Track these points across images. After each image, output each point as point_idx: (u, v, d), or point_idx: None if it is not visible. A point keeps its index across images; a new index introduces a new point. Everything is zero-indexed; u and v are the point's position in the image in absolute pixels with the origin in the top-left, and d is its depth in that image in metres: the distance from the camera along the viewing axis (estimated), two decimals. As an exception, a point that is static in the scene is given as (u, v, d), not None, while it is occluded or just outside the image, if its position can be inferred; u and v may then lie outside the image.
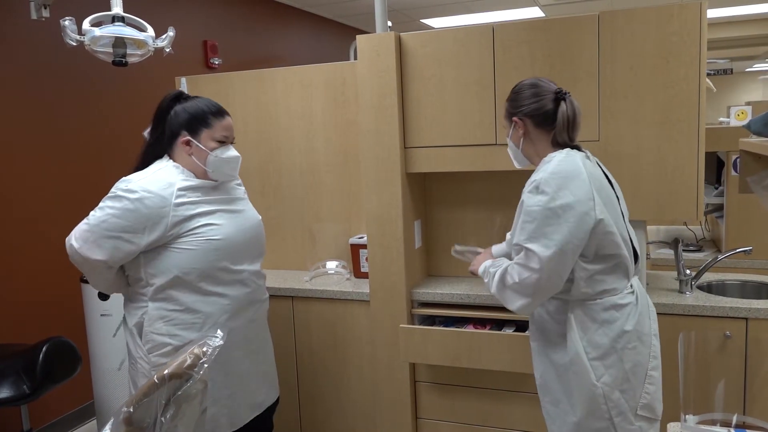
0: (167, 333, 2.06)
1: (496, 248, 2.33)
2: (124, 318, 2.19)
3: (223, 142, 2.13)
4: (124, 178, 2.08)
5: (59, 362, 2.73)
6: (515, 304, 1.87)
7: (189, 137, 2.10)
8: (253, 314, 2.25)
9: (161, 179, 2.05)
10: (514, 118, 1.95)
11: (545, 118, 1.90)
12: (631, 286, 1.90)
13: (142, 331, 2.09)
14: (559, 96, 1.89)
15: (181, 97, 2.18)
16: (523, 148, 1.98)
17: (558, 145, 1.92)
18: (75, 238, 2.05)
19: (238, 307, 2.16)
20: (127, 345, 2.18)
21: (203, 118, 2.11)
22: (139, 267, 2.07)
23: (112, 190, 2.05)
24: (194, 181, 2.10)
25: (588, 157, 1.92)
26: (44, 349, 2.64)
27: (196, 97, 2.19)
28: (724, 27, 8.20)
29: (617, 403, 1.82)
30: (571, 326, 1.86)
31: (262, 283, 2.31)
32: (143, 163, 2.17)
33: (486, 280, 2.00)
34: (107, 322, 3.12)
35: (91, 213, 2.05)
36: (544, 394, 2.03)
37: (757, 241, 3.26)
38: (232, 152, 2.15)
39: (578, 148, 1.92)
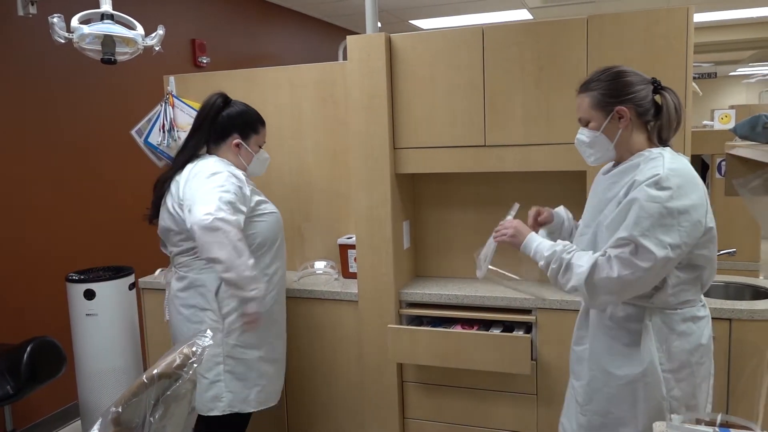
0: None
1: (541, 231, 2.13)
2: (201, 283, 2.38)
3: (261, 147, 2.55)
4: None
5: (44, 362, 2.71)
6: (598, 299, 1.72)
7: (240, 140, 2.47)
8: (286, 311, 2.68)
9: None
10: (619, 107, 1.76)
11: (647, 109, 1.77)
12: (703, 298, 1.84)
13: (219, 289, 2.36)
14: (657, 86, 1.78)
15: (228, 102, 2.50)
16: (618, 141, 1.79)
17: (653, 142, 1.79)
18: (218, 209, 2.20)
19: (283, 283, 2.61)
20: (186, 306, 2.41)
21: (254, 125, 2.51)
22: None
23: (208, 173, 2.31)
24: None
25: None
26: (29, 348, 2.62)
27: (241, 104, 2.53)
28: (708, 31, 8.30)
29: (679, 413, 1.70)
30: (648, 334, 1.76)
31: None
32: (183, 159, 2.44)
33: (546, 264, 1.82)
34: (93, 321, 3.09)
35: (209, 195, 2.23)
36: (587, 403, 1.91)
37: (740, 243, 3.31)
38: (266, 155, 2.59)
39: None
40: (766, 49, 10.01)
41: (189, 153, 2.45)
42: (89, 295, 3.06)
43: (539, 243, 1.88)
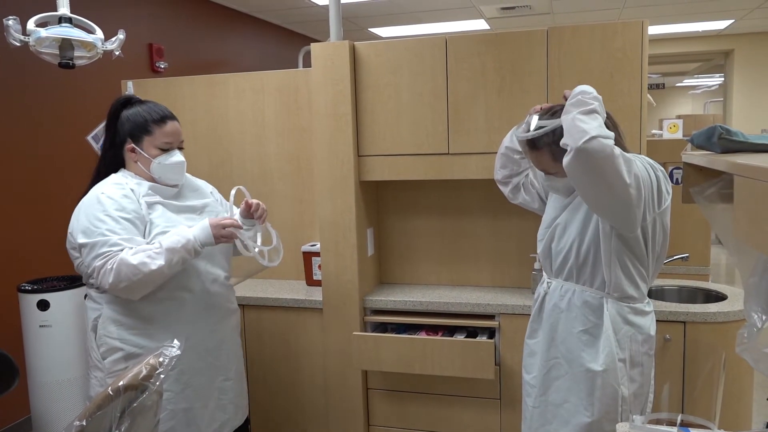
0: (118, 337, 2.06)
1: None
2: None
3: (167, 149, 2.12)
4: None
5: (-4, 376, 2.60)
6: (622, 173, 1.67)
7: (133, 145, 2.12)
8: (213, 323, 2.21)
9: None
10: None
11: None
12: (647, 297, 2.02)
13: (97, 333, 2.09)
14: None
15: (129, 102, 2.16)
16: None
17: None
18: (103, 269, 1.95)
19: (193, 312, 2.14)
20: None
21: (144, 125, 2.11)
22: None
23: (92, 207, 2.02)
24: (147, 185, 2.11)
25: None
26: (-20, 362, 2.51)
27: (145, 102, 2.18)
28: (657, 44, 8.60)
29: (631, 407, 1.85)
30: (607, 323, 1.90)
31: (223, 291, 2.26)
32: (99, 174, 2.16)
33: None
34: (47, 332, 2.99)
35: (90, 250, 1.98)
36: (542, 393, 2.03)
37: (691, 248, 3.43)
38: (175, 158, 2.13)
39: None
40: (711, 61, 10.44)
41: (103, 169, 2.17)
42: (43, 305, 2.97)
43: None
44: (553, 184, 1.99)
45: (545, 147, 1.88)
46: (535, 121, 1.88)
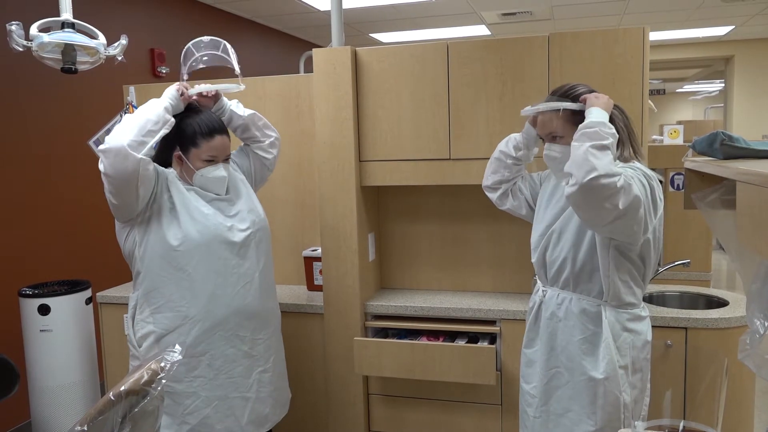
0: (152, 320, 2.16)
1: None
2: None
3: (211, 161, 2.17)
4: None
5: (-4, 380, 2.60)
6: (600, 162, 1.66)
7: (180, 153, 2.18)
8: (246, 316, 2.22)
9: None
10: None
11: None
12: (643, 302, 2.01)
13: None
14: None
15: (187, 109, 2.22)
16: None
17: (617, 155, 1.87)
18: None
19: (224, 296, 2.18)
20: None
21: (192, 137, 2.16)
22: None
23: None
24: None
25: None
26: (-20, 366, 2.51)
27: (201, 111, 2.23)
28: (658, 50, 8.62)
29: (632, 413, 1.83)
30: (606, 331, 1.89)
31: (256, 292, 2.26)
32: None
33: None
34: (47, 337, 2.99)
35: None
36: (544, 403, 2.00)
37: (693, 254, 3.43)
38: (218, 172, 2.18)
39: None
40: (711, 67, 10.46)
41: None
42: (44, 310, 2.97)
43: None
44: (551, 154, 1.95)
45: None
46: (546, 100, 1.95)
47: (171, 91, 2.15)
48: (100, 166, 1.99)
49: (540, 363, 2.03)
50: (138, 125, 1.99)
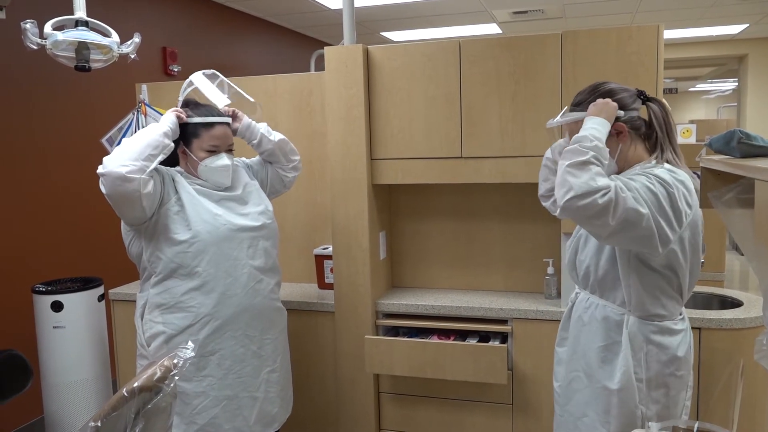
0: (162, 321, 2.17)
1: None
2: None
3: (214, 151, 2.21)
4: None
5: (10, 376, 2.62)
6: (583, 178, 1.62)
7: (184, 147, 2.22)
8: (255, 315, 2.24)
9: None
10: (616, 124, 1.77)
11: (640, 122, 1.82)
12: (684, 312, 1.89)
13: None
14: (644, 98, 1.82)
15: (186, 105, 2.28)
16: (619, 156, 1.82)
17: (651, 152, 1.83)
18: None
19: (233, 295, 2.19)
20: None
21: (193, 129, 2.20)
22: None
23: None
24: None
25: None
26: (-6, 362, 2.53)
27: (202, 105, 2.29)
28: (670, 48, 8.55)
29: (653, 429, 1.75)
30: (626, 342, 1.81)
31: (265, 289, 2.28)
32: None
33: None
34: (60, 334, 3.01)
35: None
36: (566, 403, 1.97)
37: (706, 254, 3.39)
38: (221, 161, 2.22)
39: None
40: (725, 66, 10.37)
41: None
42: (57, 307, 2.99)
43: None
44: None
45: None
46: (565, 110, 1.90)
47: (170, 117, 2.17)
48: (101, 188, 2.03)
49: (565, 364, 2.00)
50: (137, 150, 2.02)
